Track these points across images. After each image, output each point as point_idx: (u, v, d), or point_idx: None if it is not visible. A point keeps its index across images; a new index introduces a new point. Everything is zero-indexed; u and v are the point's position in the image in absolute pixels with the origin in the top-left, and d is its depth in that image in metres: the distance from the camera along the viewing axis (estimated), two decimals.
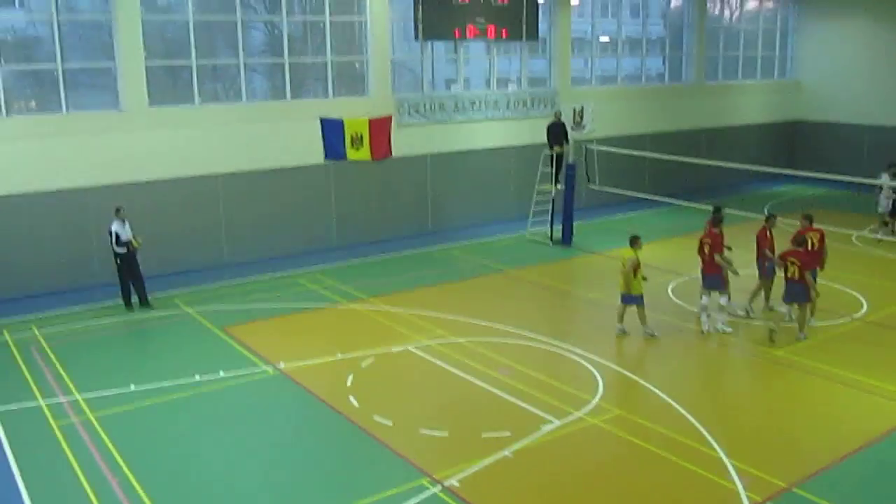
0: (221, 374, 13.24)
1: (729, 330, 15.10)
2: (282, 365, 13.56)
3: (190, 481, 10.10)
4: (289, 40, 20.81)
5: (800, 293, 14.39)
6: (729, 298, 15.39)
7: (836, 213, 23.01)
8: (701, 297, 15.22)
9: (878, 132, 30.21)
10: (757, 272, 15.77)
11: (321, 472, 10.36)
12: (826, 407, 12.14)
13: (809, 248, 15.05)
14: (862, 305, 16.47)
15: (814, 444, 10.95)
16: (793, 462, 10.40)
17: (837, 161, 23.75)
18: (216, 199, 19.81)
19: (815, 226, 15.62)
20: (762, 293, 15.98)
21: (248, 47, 20.98)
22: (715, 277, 15.08)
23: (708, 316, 15.07)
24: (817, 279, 15.19)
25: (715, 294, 15.11)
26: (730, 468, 10.21)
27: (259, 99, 21.18)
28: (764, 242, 15.62)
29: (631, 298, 14.81)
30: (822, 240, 15.40)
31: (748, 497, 9.55)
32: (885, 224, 22.55)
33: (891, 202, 22.41)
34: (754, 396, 12.79)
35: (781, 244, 15.46)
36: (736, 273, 15.31)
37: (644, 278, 14.84)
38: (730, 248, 15.72)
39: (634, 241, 14.86)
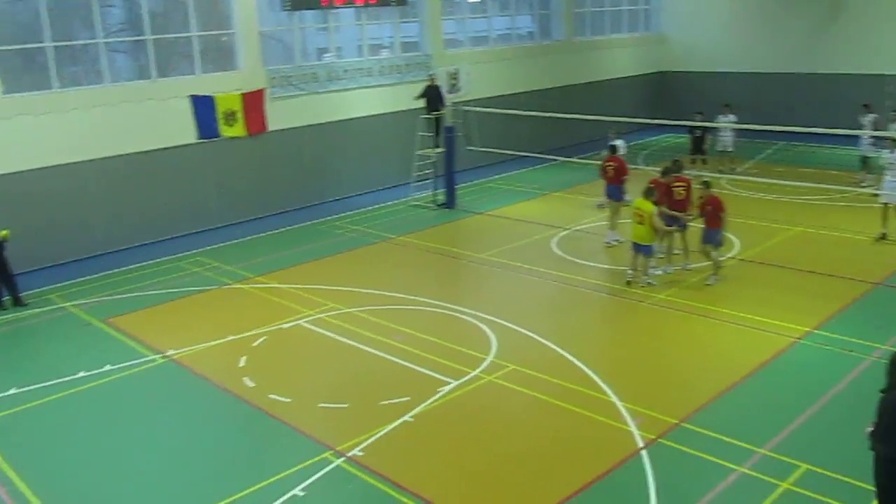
0: (107, 367, 12.78)
1: (660, 272, 15.67)
2: (170, 352, 13.20)
3: (85, 481, 9.76)
4: (150, 16, 19.96)
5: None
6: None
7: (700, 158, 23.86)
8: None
9: (738, 78, 31.50)
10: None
11: (221, 458, 10.19)
12: (708, 344, 12.72)
13: (675, 197, 15.61)
14: (735, 245, 17.25)
15: (699, 380, 11.46)
16: (681, 399, 10.86)
17: (703, 108, 24.64)
18: (86, 187, 18.94)
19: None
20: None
21: (107, 25, 20.06)
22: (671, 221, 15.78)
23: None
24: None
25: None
26: (622, 410, 10.59)
27: (123, 80, 20.31)
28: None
29: (645, 248, 15.01)
30: (688, 188, 15.96)
31: (641, 436, 9.94)
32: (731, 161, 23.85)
33: (728, 141, 23.54)
34: (641, 340, 13.26)
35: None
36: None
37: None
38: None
39: (649, 194, 15.00)
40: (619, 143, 20.50)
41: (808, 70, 30.23)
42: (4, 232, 15.66)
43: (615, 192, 17.79)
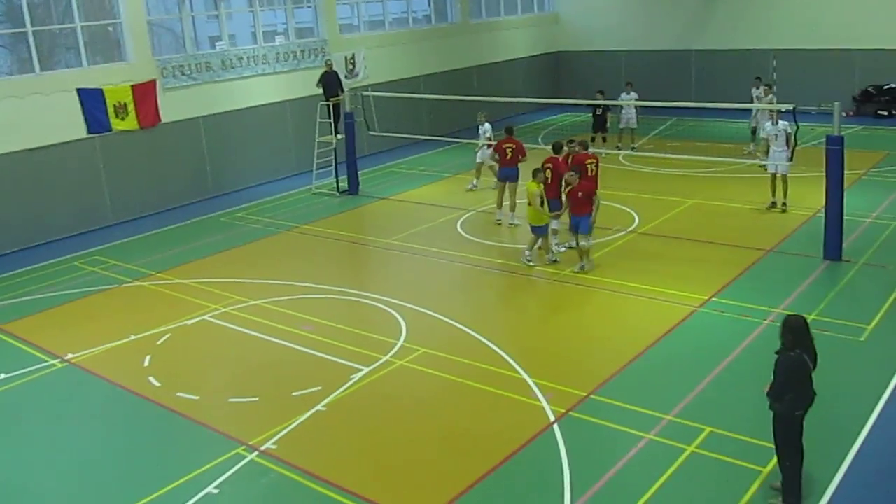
0: (2, 375, 12.24)
1: (563, 249, 15.80)
2: (69, 356, 12.73)
3: None
4: (29, 7, 19.01)
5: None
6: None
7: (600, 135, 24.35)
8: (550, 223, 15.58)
9: (632, 57, 32.25)
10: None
11: (130, 461, 9.90)
12: (612, 317, 13.03)
13: (589, 174, 15.83)
14: (634, 219, 17.69)
15: (605, 353, 11.72)
16: (588, 372, 11.09)
17: (597, 86, 25.17)
18: None
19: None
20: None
21: None
22: (556, 202, 15.50)
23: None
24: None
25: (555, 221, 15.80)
26: (533, 387, 10.75)
27: (4, 74, 19.41)
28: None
29: (539, 229, 15.00)
30: (597, 164, 16.26)
31: (553, 410, 10.12)
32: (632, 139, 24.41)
33: (630, 119, 24.07)
34: (547, 316, 13.50)
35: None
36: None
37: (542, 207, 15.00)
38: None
39: (535, 174, 15.00)
40: (487, 126, 20.86)
41: (699, 47, 31.14)
42: None
43: (512, 173, 17.86)
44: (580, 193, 14.56)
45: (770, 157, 17.70)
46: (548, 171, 15.54)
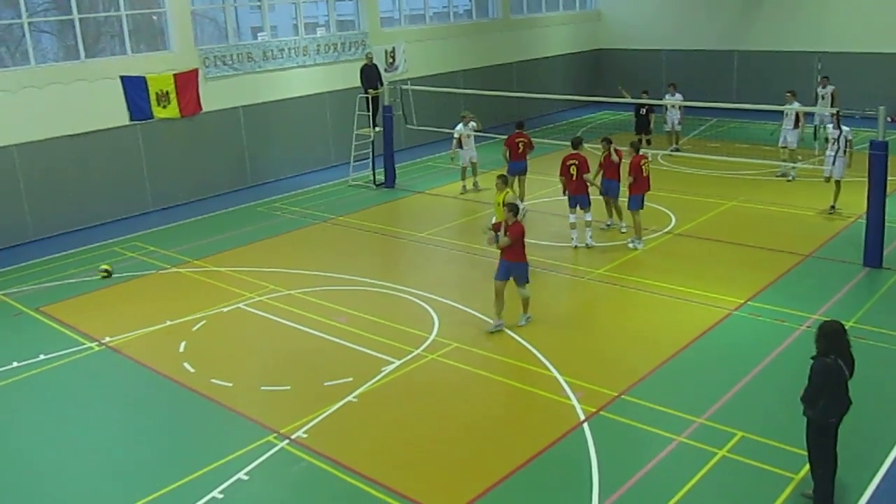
0: (42, 357, 12.47)
1: (594, 244, 15.99)
2: (107, 339, 12.93)
3: (24, 472, 9.55)
4: None
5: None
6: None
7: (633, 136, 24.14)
8: (569, 216, 16.08)
9: (673, 55, 31.97)
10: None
11: (164, 445, 10.05)
12: (645, 318, 12.93)
13: (644, 174, 15.78)
14: (671, 219, 17.55)
15: (637, 353, 11.65)
16: (620, 372, 11.04)
17: (638, 84, 24.99)
18: (12, 173, 18.34)
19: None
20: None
21: (31, 4, 19.37)
22: (584, 197, 15.83)
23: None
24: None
25: (580, 211, 15.96)
26: (564, 385, 10.72)
27: (50, 61, 19.72)
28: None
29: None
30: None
31: (583, 409, 10.09)
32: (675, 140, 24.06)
33: (675, 120, 23.74)
34: (580, 315, 13.44)
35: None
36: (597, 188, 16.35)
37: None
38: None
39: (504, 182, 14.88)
40: (472, 125, 20.82)
41: (742, 47, 30.77)
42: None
43: (522, 166, 18.51)
44: (516, 234, 12.21)
45: (826, 162, 17.43)
46: (572, 167, 15.72)
